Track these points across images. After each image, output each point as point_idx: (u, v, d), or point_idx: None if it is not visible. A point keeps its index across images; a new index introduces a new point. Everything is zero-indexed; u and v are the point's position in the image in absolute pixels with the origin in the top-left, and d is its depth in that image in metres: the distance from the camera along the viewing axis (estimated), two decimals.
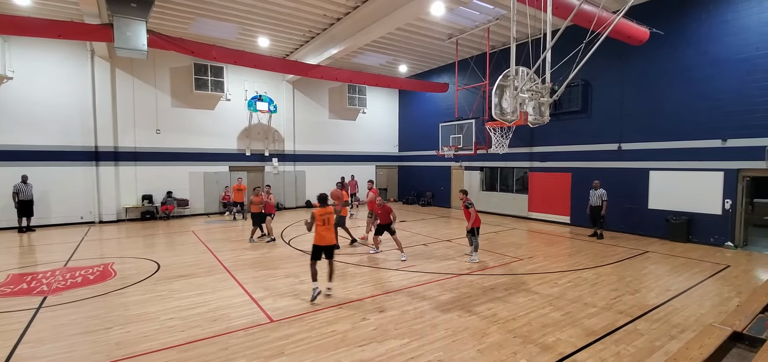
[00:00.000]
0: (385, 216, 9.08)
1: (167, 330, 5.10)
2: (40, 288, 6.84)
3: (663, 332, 5.04)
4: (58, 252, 9.72)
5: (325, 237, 6.26)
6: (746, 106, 9.80)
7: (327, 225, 6.27)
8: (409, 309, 5.79)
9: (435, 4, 10.11)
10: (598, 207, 11.25)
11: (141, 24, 10.31)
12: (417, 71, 20.26)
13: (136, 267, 8.30)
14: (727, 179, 10.21)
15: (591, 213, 11.56)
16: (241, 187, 15.76)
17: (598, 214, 11.32)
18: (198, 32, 13.91)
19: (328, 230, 6.28)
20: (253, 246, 10.26)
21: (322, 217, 6.27)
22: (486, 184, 17.74)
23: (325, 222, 6.27)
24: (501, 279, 7.33)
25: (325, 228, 6.25)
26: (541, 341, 4.76)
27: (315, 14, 12.47)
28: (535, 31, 10.65)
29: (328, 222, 6.30)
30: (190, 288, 6.85)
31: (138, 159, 15.39)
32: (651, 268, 8.21)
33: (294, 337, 4.86)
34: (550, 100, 6.78)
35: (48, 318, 5.55)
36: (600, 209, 11.22)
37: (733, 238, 10.13)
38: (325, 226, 6.25)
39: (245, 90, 17.66)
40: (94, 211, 14.60)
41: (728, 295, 6.50)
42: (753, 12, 9.67)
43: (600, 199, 11.22)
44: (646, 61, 11.65)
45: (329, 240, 6.30)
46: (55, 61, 13.76)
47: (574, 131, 13.68)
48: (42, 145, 13.65)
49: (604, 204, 11.18)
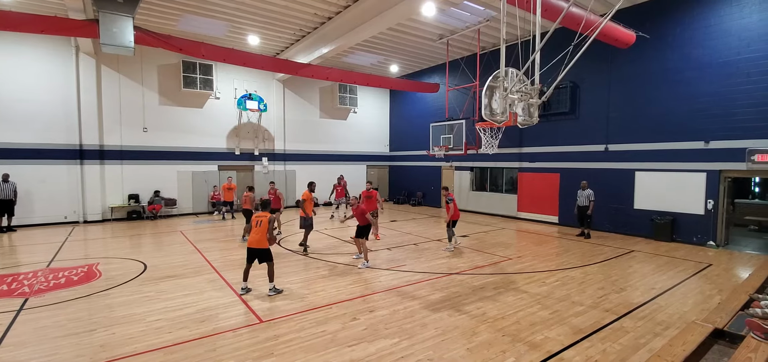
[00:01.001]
0: (360, 217, 8.33)
1: (154, 331, 5.02)
2: (21, 290, 6.67)
3: (648, 329, 5.15)
4: (41, 253, 9.49)
5: (254, 241, 6.33)
6: (727, 109, 10.06)
7: (259, 227, 6.32)
8: (400, 309, 5.80)
9: (426, 5, 10.16)
10: (585, 207, 11.43)
11: (128, 20, 10.12)
12: (408, 71, 20.30)
13: (122, 267, 8.15)
14: (709, 180, 10.46)
15: (578, 212, 11.75)
16: (231, 186, 15.41)
17: (584, 214, 11.51)
18: (186, 29, 13.72)
19: (257, 233, 6.31)
20: (244, 246, 10.17)
21: (255, 220, 6.37)
22: (476, 184, 17.86)
23: (258, 225, 6.34)
24: (490, 279, 7.40)
25: (255, 230, 6.33)
26: (530, 339, 4.82)
27: (306, 13, 12.40)
28: (525, 33, 10.79)
29: (261, 226, 6.31)
30: (177, 288, 6.76)
31: (124, 157, 15.11)
32: (636, 267, 8.37)
33: (283, 338, 4.83)
34: (539, 101, 6.85)
35: (30, 320, 5.41)
36: (587, 209, 11.41)
37: (715, 238, 10.39)
38: (257, 229, 6.32)
39: (235, 88, 17.49)
40: (79, 211, 14.30)
41: (710, 293, 6.66)
42: (734, 17, 9.93)
43: (587, 199, 11.40)
44: (632, 64, 11.88)
45: (257, 244, 6.31)
46: (38, 56, 13.43)
47: (563, 132, 13.87)
48: (24, 143, 13.31)
49: (591, 204, 11.36)
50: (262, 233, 6.28)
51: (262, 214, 6.45)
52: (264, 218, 6.37)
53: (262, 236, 6.29)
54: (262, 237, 6.29)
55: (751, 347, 3.23)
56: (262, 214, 6.45)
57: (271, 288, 6.45)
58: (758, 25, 9.55)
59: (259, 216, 6.42)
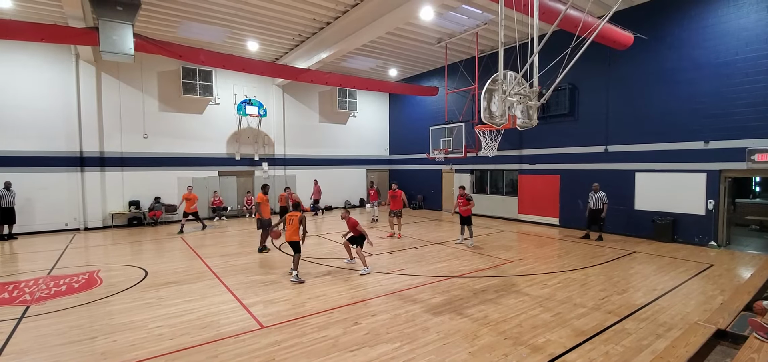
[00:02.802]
0: (353, 229, 8.24)
1: (155, 338, 5.01)
2: (22, 298, 6.66)
3: (650, 331, 5.13)
4: (42, 261, 9.49)
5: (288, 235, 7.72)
6: (727, 109, 10.07)
7: (291, 224, 7.63)
8: (401, 313, 5.79)
9: (424, 9, 10.20)
10: (599, 209, 11.35)
11: (127, 27, 10.16)
12: (407, 75, 20.35)
13: (123, 274, 8.14)
14: (709, 180, 10.46)
15: (590, 215, 11.64)
16: (190, 196, 13.50)
17: (597, 217, 11.44)
18: (186, 35, 13.77)
19: (290, 228, 7.61)
20: (244, 252, 10.16)
21: (288, 218, 7.74)
22: (476, 187, 17.86)
23: (290, 222, 7.70)
24: (492, 282, 7.38)
25: (289, 227, 7.65)
26: (532, 342, 4.80)
27: (304, 18, 12.45)
28: (523, 35, 10.83)
29: (293, 223, 7.60)
30: (178, 295, 6.74)
31: (125, 164, 15.13)
32: (638, 268, 8.35)
33: (285, 343, 4.82)
34: (537, 103, 6.86)
35: (31, 328, 5.40)
36: (600, 212, 11.33)
37: (717, 238, 10.37)
38: (290, 226, 7.65)
39: (234, 94, 17.52)
40: (80, 218, 14.30)
41: (712, 294, 6.64)
42: (732, 17, 9.96)
43: (600, 202, 11.31)
44: (630, 65, 11.90)
45: (290, 237, 7.66)
46: (38, 64, 13.47)
47: (562, 134, 13.87)
48: (25, 151, 13.32)
49: (605, 206, 11.28)
50: (295, 228, 7.62)
51: (293, 213, 7.75)
52: (295, 216, 7.66)
53: (295, 230, 7.61)
54: (295, 231, 7.62)
55: (753, 347, 3.23)
56: (293, 213, 7.75)
57: (295, 274, 7.49)
58: (756, 25, 9.57)
59: (291, 215, 7.72)
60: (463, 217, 10.83)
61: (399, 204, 12.02)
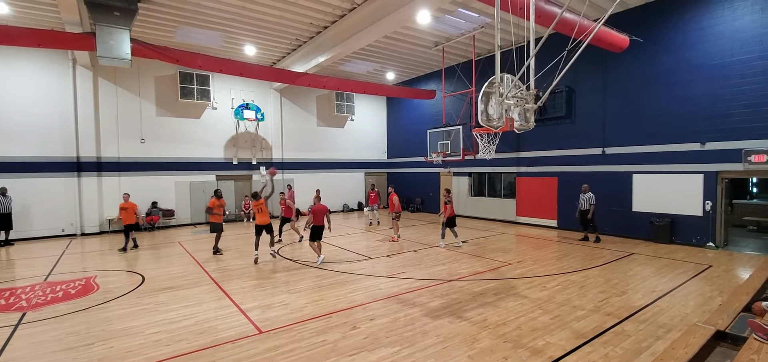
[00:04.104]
0: (318, 217, 9.05)
1: (152, 344, 4.97)
2: (18, 304, 6.60)
3: (649, 333, 5.13)
4: (38, 267, 9.42)
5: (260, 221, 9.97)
6: (723, 110, 10.12)
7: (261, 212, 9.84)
8: (400, 317, 5.77)
9: (421, 13, 10.22)
10: (586, 210, 11.42)
11: (124, 32, 10.16)
12: (404, 78, 20.39)
13: (120, 280, 8.09)
14: (706, 181, 10.50)
15: (580, 216, 11.73)
16: (126, 205, 11.07)
17: (585, 218, 11.49)
18: (183, 40, 13.76)
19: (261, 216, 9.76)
20: (242, 257, 10.12)
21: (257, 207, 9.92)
22: (474, 190, 17.87)
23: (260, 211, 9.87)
24: (490, 284, 7.37)
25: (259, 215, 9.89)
26: (531, 345, 4.79)
27: (302, 23, 12.47)
28: (519, 38, 10.83)
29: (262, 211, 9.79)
30: (176, 300, 6.71)
31: (122, 169, 15.07)
32: (637, 270, 8.36)
33: (283, 348, 4.79)
34: (534, 106, 6.88)
35: (27, 335, 5.36)
36: (587, 212, 11.39)
37: (715, 239, 10.40)
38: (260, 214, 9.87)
39: (232, 98, 17.51)
40: (76, 223, 14.22)
41: (711, 295, 6.65)
42: (727, 19, 10.03)
43: (588, 203, 11.39)
44: (626, 68, 11.96)
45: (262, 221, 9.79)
46: (35, 69, 13.44)
47: (559, 136, 13.92)
48: (21, 156, 13.26)
49: (592, 207, 11.35)
50: (265, 214, 9.74)
51: (259, 202, 9.76)
52: (261, 203, 9.77)
53: (266, 215, 9.70)
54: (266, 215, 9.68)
55: (753, 348, 3.22)
56: (259, 202, 9.76)
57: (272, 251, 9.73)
58: (751, 27, 9.65)
59: (257, 203, 9.74)
60: (449, 219, 10.97)
61: (393, 206, 12.35)
